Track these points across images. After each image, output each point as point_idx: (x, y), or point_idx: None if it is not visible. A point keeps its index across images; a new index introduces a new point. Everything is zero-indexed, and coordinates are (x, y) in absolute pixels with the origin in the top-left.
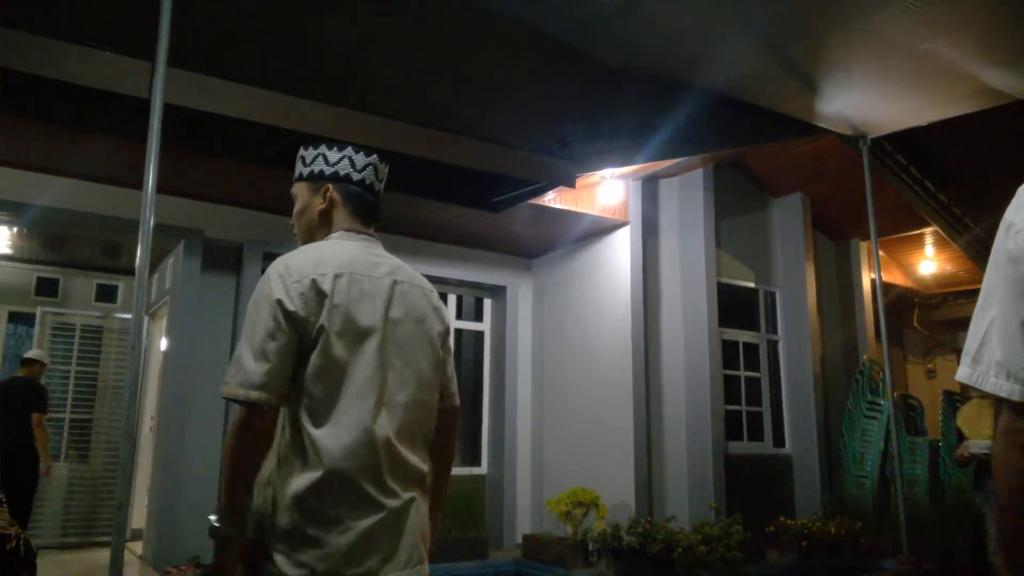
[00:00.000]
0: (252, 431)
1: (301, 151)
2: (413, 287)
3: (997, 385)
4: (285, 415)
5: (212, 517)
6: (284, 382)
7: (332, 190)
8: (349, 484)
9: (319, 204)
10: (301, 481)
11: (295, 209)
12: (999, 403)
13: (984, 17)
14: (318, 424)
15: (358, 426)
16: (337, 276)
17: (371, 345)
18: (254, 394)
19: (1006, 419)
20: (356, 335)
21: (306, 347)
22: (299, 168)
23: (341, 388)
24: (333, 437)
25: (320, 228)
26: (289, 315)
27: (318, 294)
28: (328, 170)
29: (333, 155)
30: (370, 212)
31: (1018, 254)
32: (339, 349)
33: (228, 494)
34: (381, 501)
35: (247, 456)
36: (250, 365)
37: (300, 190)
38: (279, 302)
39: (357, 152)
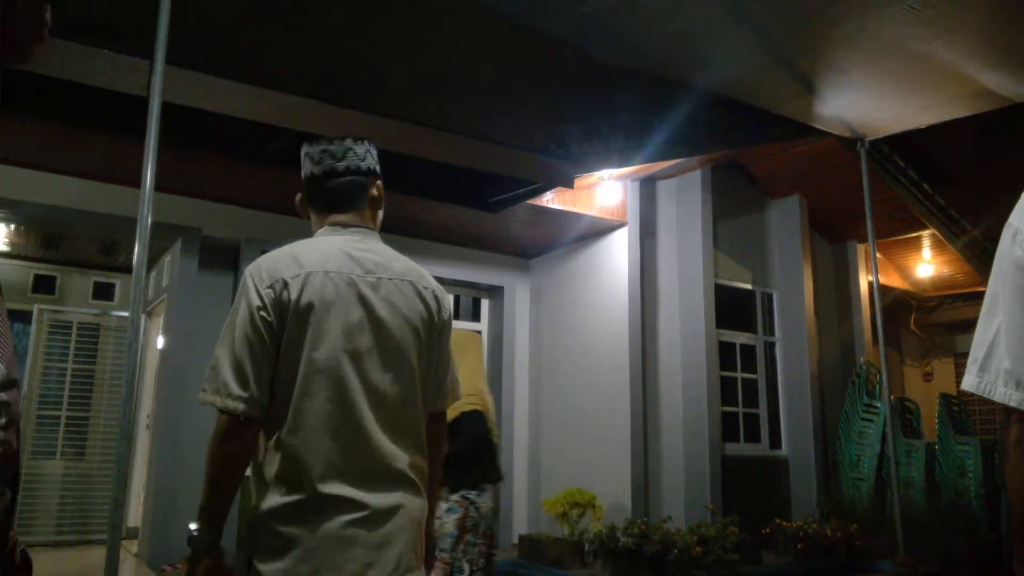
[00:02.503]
0: (231, 440)
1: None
2: (403, 283)
3: (1007, 395)
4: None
5: (192, 525)
6: (263, 392)
7: (301, 194)
8: (323, 491)
9: (305, 200)
10: (276, 489)
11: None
12: (1008, 413)
13: (982, 20)
14: (289, 430)
15: (329, 430)
16: (309, 275)
17: (345, 347)
18: (231, 403)
19: (1017, 430)
20: (327, 338)
21: (279, 352)
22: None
23: (312, 393)
24: (302, 444)
25: (313, 224)
26: (264, 321)
27: (287, 297)
28: (304, 169)
29: (311, 147)
30: (340, 197)
31: None
32: (309, 352)
33: (204, 501)
34: (360, 501)
35: (225, 465)
36: (227, 373)
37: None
38: (253, 308)
39: (314, 144)
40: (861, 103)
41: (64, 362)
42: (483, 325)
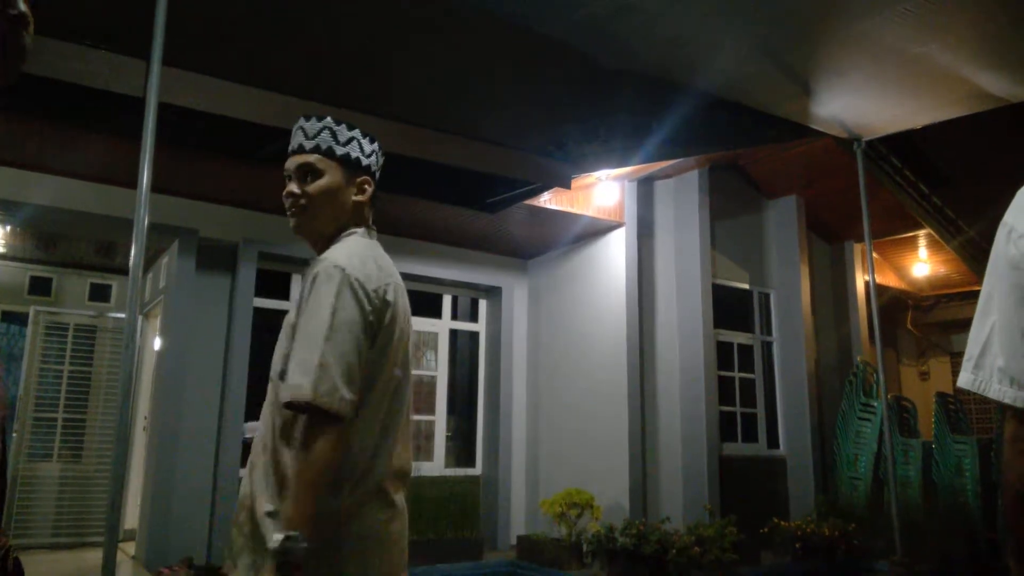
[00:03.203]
0: (335, 443)
1: (330, 123)
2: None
3: (1001, 392)
4: None
5: (278, 536)
6: (359, 396)
7: (371, 185)
8: (389, 495)
9: (353, 194)
10: (340, 492)
11: (320, 184)
12: (1003, 410)
13: (978, 22)
14: (363, 432)
15: (397, 436)
16: (396, 285)
17: (403, 355)
18: (342, 407)
19: (1012, 427)
20: (401, 345)
21: (369, 359)
22: (326, 140)
23: (392, 400)
24: (384, 450)
25: (347, 218)
26: (370, 326)
27: (388, 305)
28: (365, 161)
29: (367, 146)
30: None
31: (1019, 259)
32: (393, 359)
33: (303, 507)
34: (397, 501)
35: (328, 469)
36: (337, 375)
37: (328, 167)
38: (366, 312)
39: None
40: (857, 104)
41: (60, 364)
42: (481, 326)
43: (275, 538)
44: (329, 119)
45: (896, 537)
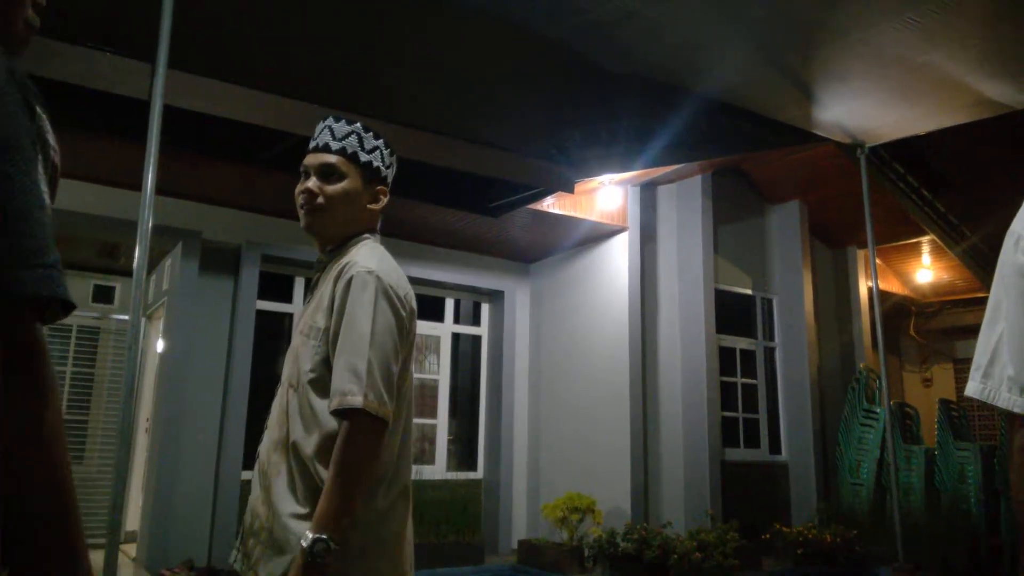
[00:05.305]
0: (380, 448)
1: (359, 129)
2: None
3: (1010, 401)
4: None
5: (310, 535)
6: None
7: (386, 195)
8: (410, 494)
9: (368, 200)
10: (388, 500)
11: (341, 187)
12: (1012, 419)
13: (982, 31)
14: (398, 440)
15: (411, 437)
16: (413, 293)
17: (409, 361)
18: (387, 413)
19: (1021, 437)
20: (410, 354)
21: None
22: (352, 145)
23: (410, 403)
24: (406, 452)
25: (360, 223)
26: (403, 332)
27: (412, 313)
28: (384, 171)
29: (388, 157)
30: None
31: None
32: (410, 365)
33: (345, 510)
34: (412, 499)
35: (373, 474)
36: (381, 381)
37: (349, 170)
38: (404, 320)
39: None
40: (861, 110)
41: (63, 365)
42: (483, 329)
43: (308, 536)
44: (359, 124)
45: (898, 544)
